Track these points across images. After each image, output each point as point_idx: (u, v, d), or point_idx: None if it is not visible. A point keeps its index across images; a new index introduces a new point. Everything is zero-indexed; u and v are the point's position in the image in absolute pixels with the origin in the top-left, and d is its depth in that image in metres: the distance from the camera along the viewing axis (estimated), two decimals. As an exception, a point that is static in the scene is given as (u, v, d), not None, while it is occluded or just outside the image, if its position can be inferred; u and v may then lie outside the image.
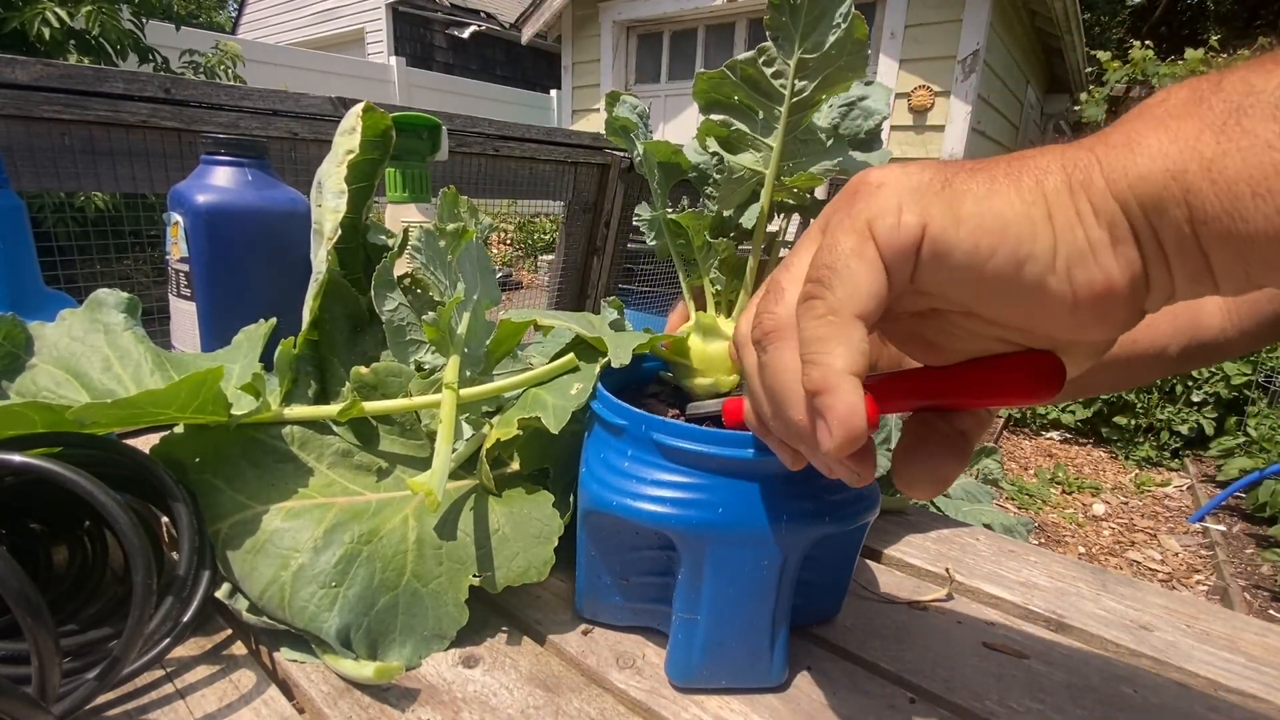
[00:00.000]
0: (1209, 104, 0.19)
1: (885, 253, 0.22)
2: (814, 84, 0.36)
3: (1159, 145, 0.19)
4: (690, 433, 0.33)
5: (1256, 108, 0.18)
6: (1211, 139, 0.19)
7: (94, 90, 0.97)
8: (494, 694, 0.35)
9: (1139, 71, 5.49)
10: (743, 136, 0.39)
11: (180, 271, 0.66)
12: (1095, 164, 0.21)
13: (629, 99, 0.43)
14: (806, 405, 0.24)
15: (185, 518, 0.35)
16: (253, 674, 0.35)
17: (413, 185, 0.70)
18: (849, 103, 0.41)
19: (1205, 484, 2.86)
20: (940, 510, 1.73)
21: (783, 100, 0.36)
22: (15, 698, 0.26)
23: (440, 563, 0.39)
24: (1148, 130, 0.20)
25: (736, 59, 0.36)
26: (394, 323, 0.45)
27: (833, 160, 0.38)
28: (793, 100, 0.36)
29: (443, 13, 8.43)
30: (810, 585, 0.38)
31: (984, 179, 0.22)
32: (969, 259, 0.21)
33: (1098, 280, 0.20)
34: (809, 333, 0.23)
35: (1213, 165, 0.18)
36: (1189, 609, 0.45)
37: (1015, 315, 0.22)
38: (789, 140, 0.38)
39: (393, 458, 0.44)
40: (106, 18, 2.85)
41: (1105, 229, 0.20)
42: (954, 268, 0.22)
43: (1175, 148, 0.19)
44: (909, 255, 0.22)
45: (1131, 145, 0.20)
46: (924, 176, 0.23)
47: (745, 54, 0.36)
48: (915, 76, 5.02)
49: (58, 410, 0.33)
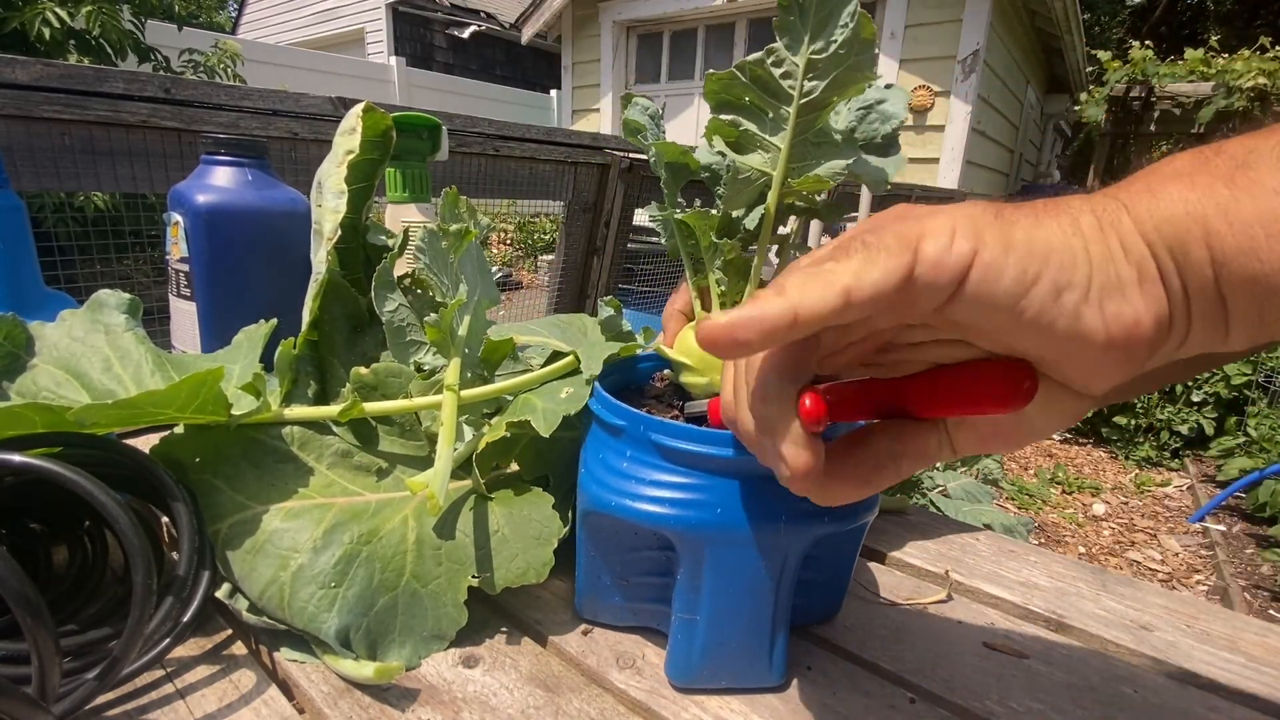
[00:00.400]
0: (1214, 163, 0.21)
1: (923, 272, 0.22)
2: (824, 84, 0.35)
3: (1179, 192, 0.21)
4: (688, 433, 0.33)
5: (1260, 161, 0.20)
6: (1223, 188, 0.20)
7: (94, 90, 0.97)
8: (494, 694, 0.35)
9: (1139, 71, 5.49)
10: (751, 137, 0.39)
11: (180, 271, 0.66)
12: (1122, 208, 0.22)
13: (641, 100, 0.43)
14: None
15: (185, 518, 0.36)
16: (253, 674, 0.35)
17: (413, 185, 0.70)
18: (866, 106, 0.41)
19: (1205, 484, 2.86)
20: (940, 510, 1.73)
21: (791, 101, 0.36)
22: (15, 698, 0.26)
23: (439, 563, 0.39)
24: (1165, 182, 0.21)
25: (746, 59, 0.36)
26: (394, 323, 0.45)
27: (844, 162, 0.38)
28: (802, 101, 0.36)
29: (443, 13, 8.43)
30: (810, 585, 0.38)
31: (1028, 213, 0.23)
32: (1015, 284, 0.21)
33: (1127, 315, 0.21)
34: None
35: (1228, 209, 0.20)
36: (1189, 609, 0.45)
37: (1048, 349, 0.22)
38: (798, 142, 0.38)
39: (392, 458, 0.44)
40: (107, 18, 2.85)
41: (1134, 267, 0.21)
42: (998, 295, 0.21)
43: (1194, 194, 0.20)
44: (951, 281, 0.22)
45: (1153, 192, 0.21)
46: (976, 209, 0.23)
47: (755, 54, 0.36)
48: (915, 76, 5.02)
49: (58, 411, 0.33)
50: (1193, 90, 5.31)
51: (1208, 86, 5.18)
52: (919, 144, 5.14)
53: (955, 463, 2.17)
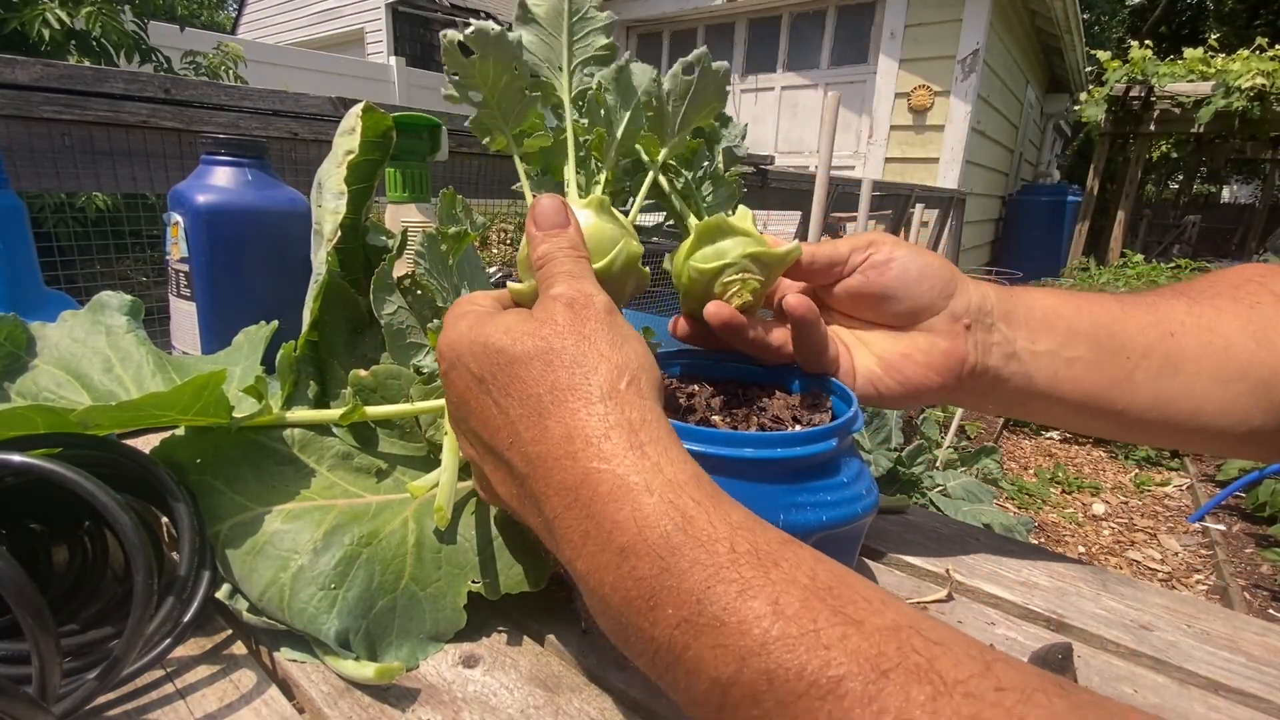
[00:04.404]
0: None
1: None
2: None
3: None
4: (687, 433, 0.33)
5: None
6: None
7: (94, 90, 0.97)
8: (494, 694, 0.35)
9: (1138, 71, 5.49)
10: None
11: (180, 272, 0.66)
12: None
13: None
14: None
15: (186, 518, 0.36)
16: (253, 674, 0.36)
17: (413, 185, 0.70)
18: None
19: (1205, 483, 2.86)
20: (940, 510, 1.73)
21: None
22: (16, 698, 0.26)
23: (439, 566, 0.39)
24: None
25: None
26: (393, 326, 0.45)
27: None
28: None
29: (443, 13, 8.43)
30: (810, 585, 0.38)
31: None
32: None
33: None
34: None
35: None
36: (1189, 609, 0.45)
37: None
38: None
39: (392, 459, 0.44)
40: (107, 19, 2.85)
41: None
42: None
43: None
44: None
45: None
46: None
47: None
48: (915, 76, 5.02)
49: (60, 412, 0.33)
50: (1192, 90, 5.31)
51: (1207, 86, 5.19)
52: (919, 144, 5.14)
53: (955, 463, 2.17)
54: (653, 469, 0.25)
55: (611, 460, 0.25)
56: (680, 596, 0.22)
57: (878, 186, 3.63)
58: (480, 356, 0.30)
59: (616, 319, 0.30)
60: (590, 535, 0.25)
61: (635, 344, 0.29)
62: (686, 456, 0.26)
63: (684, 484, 0.24)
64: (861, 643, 0.20)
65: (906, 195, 4.09)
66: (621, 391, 0.27)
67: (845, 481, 0.36)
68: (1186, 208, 9.18)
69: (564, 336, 0.28)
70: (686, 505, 0.24)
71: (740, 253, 0.41)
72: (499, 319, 0.31)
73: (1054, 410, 0.44)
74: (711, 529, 0.23)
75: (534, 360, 0.28)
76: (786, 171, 3.12)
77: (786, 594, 0.21)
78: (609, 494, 0.24)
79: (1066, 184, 7.67)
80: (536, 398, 0.27)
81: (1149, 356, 0.42)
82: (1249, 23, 10.16)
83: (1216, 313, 0.43)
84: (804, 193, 2.63)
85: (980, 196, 5.93)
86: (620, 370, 0.27)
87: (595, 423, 0.26)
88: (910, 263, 0.43)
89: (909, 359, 0.44)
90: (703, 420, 0.39)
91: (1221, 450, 0.45)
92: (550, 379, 0.27)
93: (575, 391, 0.27)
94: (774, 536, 0.23)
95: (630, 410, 0.26)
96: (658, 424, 0.27)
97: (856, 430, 0.38)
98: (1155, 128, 5.75)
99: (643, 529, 0.23)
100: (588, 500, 0.25)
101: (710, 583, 0.22)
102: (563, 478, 0.26)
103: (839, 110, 2.32)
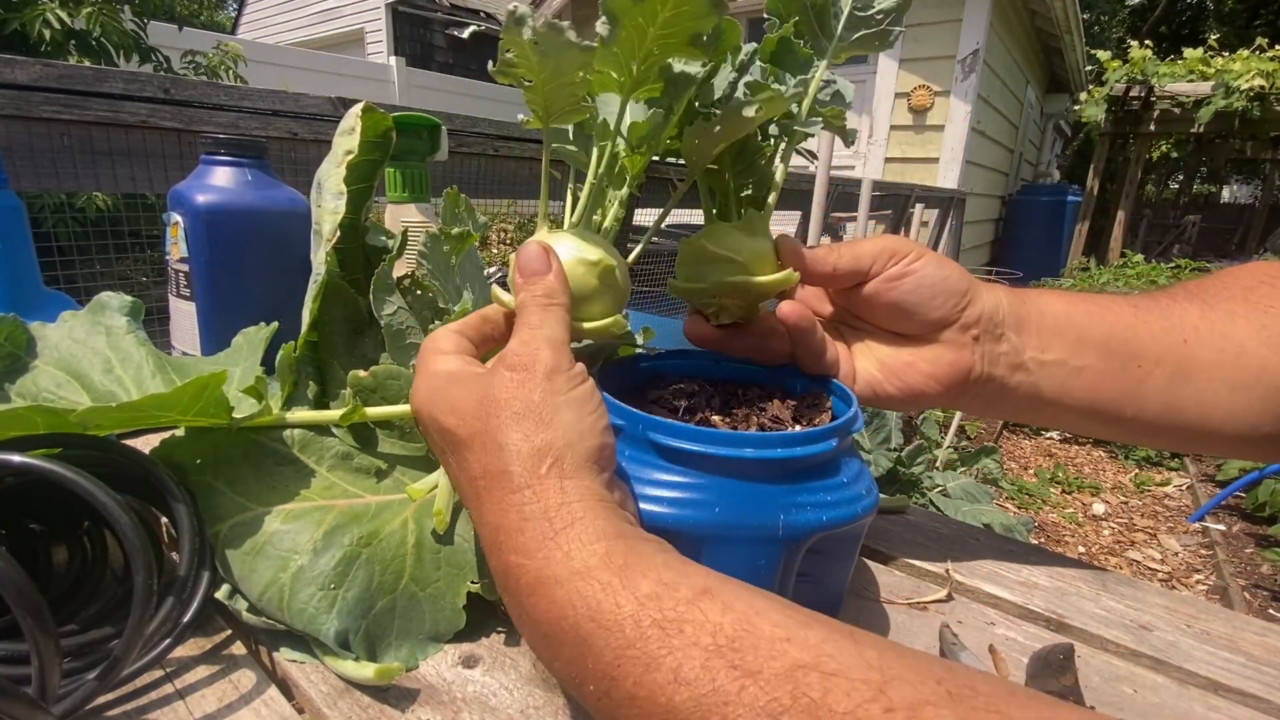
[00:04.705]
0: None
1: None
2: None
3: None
4: (687, 433, 0.33)
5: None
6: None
7: (94, 90, 0.97)
8: (494, 694, 0.35)
9: (1138, 71, 5.49)
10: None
11: (180, 272, 0.66)
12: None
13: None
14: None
15: (186, 518, 0.36)
16: (253, 674, 0.36)
17: (413, 185, 0.70)
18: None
19: (1205, 483, 2.86)
20: (940, 510, 1.73)
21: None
22: (16, 698, 0.26)
23: (439, 567, 0.39)
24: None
25: None
26: (393, 326, 0.45)
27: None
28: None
29: (443, 13, 8.43)
30: (809, 585, 0.38)
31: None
32: None
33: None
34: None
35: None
36: (1189, 609, 0.45)
37: None
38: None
39: (392, 459, 0.44)
40: (107, 19, 2.85)
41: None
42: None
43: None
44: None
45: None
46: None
47: None
48: (915, 76, 5.02)
49: (61, 413, 0.33)
50: (1192, 90, 5.31)
51: (1207, 86, 5.18)
52: (919, 144, 5.14)
53: (955, 463, 2.17)
54: (563, 559, 0.26)
55: (525, 554, 0.27)
56: (598, 676, 0.25)
57: (878, 186, 3.63)
58: (436, 433, 0.33)
59: (555, 382, 0.31)
60: (522, 620, 0.28)
61: (569, 412, 0.30)
62: (601, 532, 0.27)
63: (592, 569, 0.26)
64: (758, 693, 0.22)
65: (906, 195, 4.09)
66: (542, 476, 0.28)
67: (845, 481, 0.36)
68: (1186, 208, 9.18)
69: (500, 414, 0.30)
70: (593, 592, 0.25)
71: (717, 280, 0.40)
72: (451, 392, 0.32)
73: (1061, 417, 0.44)
74: (617, 610, 0.25)
75: (474, 444, 0.30)
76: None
77: (688, 660, 0.23)
78: (528, 587, 0.27)
79: (1066, 184, 7.67)
80: (473, 480, 0.30)
81: (1161, 364, 0.41)
82: (1249, 23, 10.15)
83: (1230, 318, 0.42)
84: (804, 193, 2.63)
85: (980, 196, 5.92)
86: (542, 454, 0.29)
87: (513, 516, 0.28)
88: (927, 277, 0.42)
89: (912, 367, 0.43)
90: (703, 420, 0.39)
91: (1225, 452, 0.45)
92: (484, 463, 0.30)
93: (499, 480, 0.29)
94: (682, 597, 0.25)
95: (548, 496, 0.28)
96: (578, 501, 0.28)
97: (856, 431, 0.38)
98: (1155, 128, 5.74)
99: (558, 620, 0.26)
100: (514, 590, 0.28)
101: (619, 662, 0.24)
102: (495, 563, 0.29)
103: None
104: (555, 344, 0.32)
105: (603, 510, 0.28)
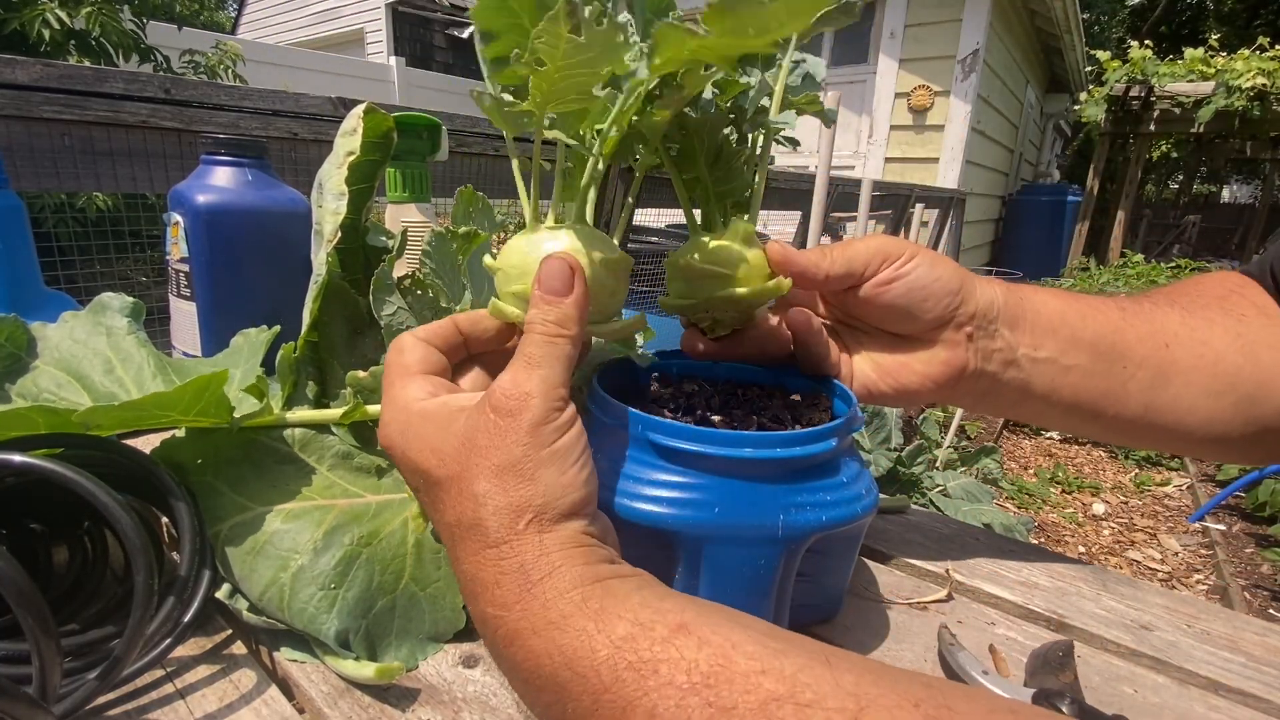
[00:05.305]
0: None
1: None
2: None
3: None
4: (686, 432, 0.33)
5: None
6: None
7: (94, 90, 0.97)
8: (494, 694, 0.35)
9: (1138, 71, 5.49)
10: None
11: (180, 272, 0.66)
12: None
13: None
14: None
15: (186, 518, 0.36)
16: (253, 674, 0.36)
17: (413, 185, 0.70)
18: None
19: (1205, 483, 2.86)
20: (940, 510, 1.73)
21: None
22: (16, 698, 0.26)
23: (439, 566, 0.39)
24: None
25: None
26: (393, 326, 0.45)
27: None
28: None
29: (443, 13, 8.42)
30: (809, 585, 0.38)
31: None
32: None
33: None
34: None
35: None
36: (1189, 609, 0.45)
37: None
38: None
39: (393, 458, 0.44)
40: (107, 19, 2.85)
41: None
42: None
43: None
44: None
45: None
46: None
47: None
48: (915, 76, 5.02)
49: (62, 413, 0.33)
50: (1192, 90, 5.31)
51: (1207, 86, 5.18)
52: (919, 144, 5.14)
53: (955, 463, 2.17)
54: (540, 610, 0.26)
55: (503, 607, 0.27)
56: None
57: (878, 186, 3.63)
58: (409, 470, 0.32)
59: (540, 435, 0.29)
60: (500, 665, 0.29)
61: (552, 467, 0.29)
62: (579, 579, 0.27)
63: (568, 617, 0.26)
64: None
65: (906, 195, 4.09)
66: (519, 532, 0.28)
67: (845, 481, 0.36)
68: (1186, 208, 9.18)
69: (479, 462, 0.29)
70: (568, 640, 0.25)
71: (707, 295, 0.40)
72: (426, 431, 0.31)
73: (1046, 413, 0.45)
74: (592, 656, 0.25)
75: (450, 488, 0.29)
76: (786, 171, 3.12)
77: (663, 700, 0.23)
78: (505, 638, 0.27)
79: (1066, 184, 7.67)
80: (448, 526, 0.30)
81: (1144, 366, 0.42)
82: (1249, 23, 10.15)
83: (1208, 325, 0.43)
84: (804, 193, 2.63)
85: (980, 196, 5.92)
86: (521, 510, 0.28)
87: (490, 570, 0.28)
88: (919, 279, 0.42)
89: (906, 367, 0.43)
90: (703, 420, 0.39)
91: (1197, 454, 0.47)
92: (458, 511, 0.29)
93: (474, 532, 0.28)
94: (658, 636, 0.25)
95: (525, 552, 0.28)
96: (557, 551, 0.28)
97: (856, 430, 0.38)
98: (1155, 128, 5.75)
99: (536, 669, 0.26)
100: (491, 638, 0.28)
101: (596, 707, 0.24)
102: (473, 610, 0.29)
103: (839, 110, 2.33)
104: (548, 388, 0.30)
105: (580, 556, 0.28)
